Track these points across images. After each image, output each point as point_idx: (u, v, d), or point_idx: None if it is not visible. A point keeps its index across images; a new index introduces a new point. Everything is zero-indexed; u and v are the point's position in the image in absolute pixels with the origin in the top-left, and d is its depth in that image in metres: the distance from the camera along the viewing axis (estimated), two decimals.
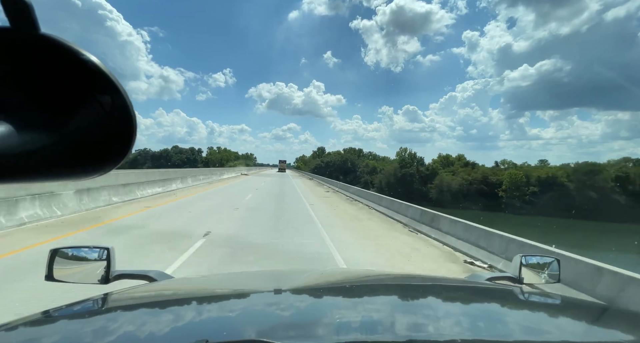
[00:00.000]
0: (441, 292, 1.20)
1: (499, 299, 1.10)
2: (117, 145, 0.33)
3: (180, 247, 5.79)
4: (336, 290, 1.19)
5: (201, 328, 0.76)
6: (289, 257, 5.75)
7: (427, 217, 9.07)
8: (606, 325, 0.88)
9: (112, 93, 0.31)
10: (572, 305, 1.18)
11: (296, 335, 0.75)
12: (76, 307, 0.89)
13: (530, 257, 1.37)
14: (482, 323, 0.87)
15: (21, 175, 0.29)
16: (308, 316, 0.90)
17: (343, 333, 0.74)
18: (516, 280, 1.33)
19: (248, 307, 0.98)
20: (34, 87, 0.30)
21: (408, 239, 8.11)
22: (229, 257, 5.47)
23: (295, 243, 6.76)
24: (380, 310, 0.96)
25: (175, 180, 16.84)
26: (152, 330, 0.74)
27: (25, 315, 0.79)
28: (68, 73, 0.30)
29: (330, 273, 1.75)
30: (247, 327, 0.77)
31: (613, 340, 0.81)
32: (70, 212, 8.30)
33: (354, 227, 9.30)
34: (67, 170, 0.33)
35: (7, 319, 0.76)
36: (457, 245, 7.13)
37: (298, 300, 1.04)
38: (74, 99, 0.31)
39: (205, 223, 8.16)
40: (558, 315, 1.00)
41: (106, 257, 1.18)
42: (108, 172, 0.35)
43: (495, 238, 6.13)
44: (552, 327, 0.85)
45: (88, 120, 0.31)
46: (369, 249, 6.78)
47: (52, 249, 1.15)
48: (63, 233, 6.41)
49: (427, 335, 0.75)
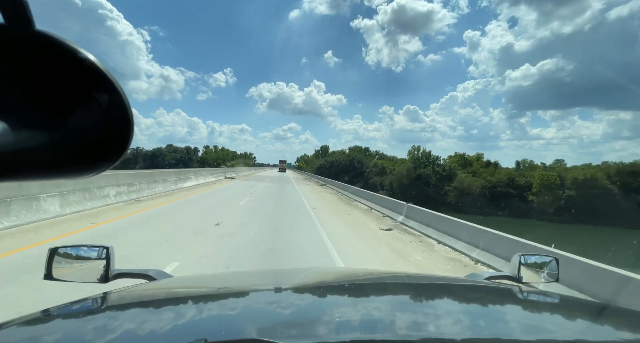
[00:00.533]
0: (441, 291, 1.20)
1: (498, 298, 1.10)
2: (114, 144, 0.33)
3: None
4: (335, 288, 1.18)
5: (200, 327, 0.75)
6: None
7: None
8: (605, 324, 0.89)
9: (109, 91, 0.31)
10: (571, 304, 1.20)
11: (296, 334, 0.74)
12: (75, 305, 0.88)
13: (529, 256, 1.39)
14: (481, 322, 0.86)
15: (18, 174, 0.29)
16: (307, 315, 0.89)
17: (342, 332, 0.73)
18: (515, 279, 1.34)
19: (247, 305, 0.97)
20: (30, 85, 0.29)
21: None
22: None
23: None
24: (380, 308, 0.96)
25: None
26: (151, 329, 0.74)
27: (24, 314, 0.77)
28: (65, 71, 0.29)
29: (330, 272, 1.67)
30: (246, 326, 0.77)
31: (612, 338, 0.81)
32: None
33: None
34: (63, 169, 0.32)
35: (7, 318, 0.74)
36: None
37: (297, 299, 1.03)
38: (71, 97, 0.30)
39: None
40: (557, 313, 1.00)
41: (105, 256, 1.17)
42: (104, 171, 0.34)
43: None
44: (551, 326, 0.84)
45: (85, 119, 0.31)
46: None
47: (51, 248, 1.15)
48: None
49: (427, 334, 0.74)
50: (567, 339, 0.77)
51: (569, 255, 4.31)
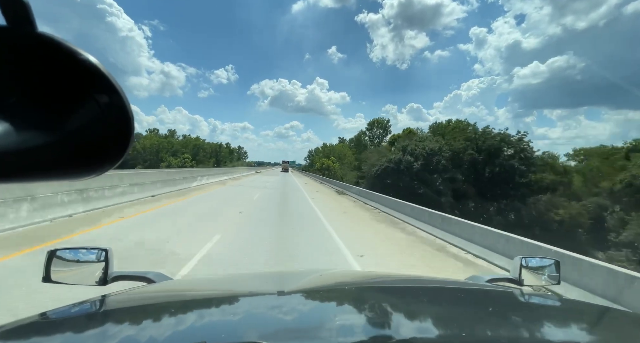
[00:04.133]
0: (442, 294, 1.19)
1: (499, 301, 1.10)
2: (114, 146, 0.33)
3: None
4: (336, 292, 1.19)
5: (200, 330, 0.75)
6: None
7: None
8: (607, 327, 0.88)
9: (109, 93, 0.31)
10: (573, 307, 1.19)
11: (296, 337, 0.74)
12: (74, 308, 0.88)
13: (530, 258, 1.37)
14: (482, 325, 0.86)
15: (18, 175, 0.29)
16: (307, 318, 0.89)
17: (342, 336, 0.73)
18: (516, 282, 1.33)
19: (247, 309, 0.96)
20: (31, 86, 0.29)
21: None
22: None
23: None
24: (381, 312, 0.97)
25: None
26: (150, 332, 0.73)
27: (22, 317, 0.78)
28: (65, 72, 0.30)
29: (331, 275, 1.59)
30: (246, 329, 0.77)
31: (614, 341, 0.80)
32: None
33: None
34: (64, 170, 0.32)
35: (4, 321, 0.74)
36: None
37: (297, 302, 1.02)
38: (72, 99, 0.31)
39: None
40: (559, 316, 0.99)
41: (104, 259, 1.17)
42: (105, 172, 0.34)
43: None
44: (552, 329, 0.84)
45: (85, 120, 0.31)
46: None
47: (49, 251, 1.14)
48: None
49: (429, 338, 0.74)
50: (570, 342, 0.77)
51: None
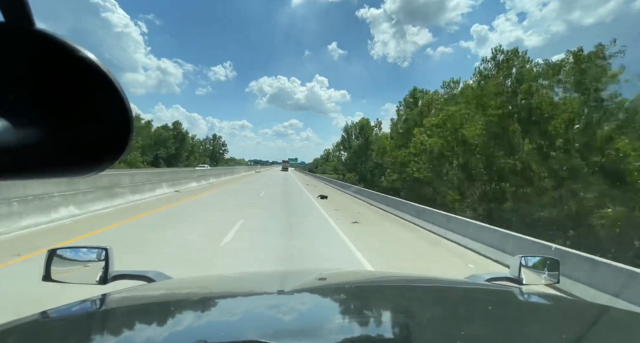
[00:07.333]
0: (441, 293, 1.19)
1: (499, 300, 1.09)
2: (113, 144, 0.33)
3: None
4: (336, 291, 1.17)
5: (200, 329, 0.76)
6: None
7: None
8: (607, 326, 0.88)
9: (108, 91, 0.31)
10: (573, 306, 1.18)
11: (296, 336, 0.73)
12: (74, 307, 0.88)
13: (530, 257, 1.39)
14: (482, 324, 0.86)
15: (17, 173, 0.29)
16: (307, 318, 0.88)
17: (342, 335, 0.71)
18: (516, 281, 1.34)
19: (247, 308, 0.96)
20: (29, 83, 0.29)
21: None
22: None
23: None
24: (380, 311, 0.97)
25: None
26: (150, 331, 0.73)
27: (22, 316, 0.77)
28: (64, 70, 0.29)
29: (331, 275, 1.57)
30: (246, 328, 0.76)
31: (613, 340, 0.81)
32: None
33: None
34: (62, 168, 0.32)
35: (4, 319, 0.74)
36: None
37: (298, 302, 1.02)
38: (70, 96, 0.30)
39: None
40: (558, 316, 0.98)
41: (104, 258, 1.17)
42: (105, 170, 0.34)
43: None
44: (552, 328, 0.83)
45: (84, 118, 0.31)
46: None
47: (49, 249, 1.15)
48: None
49: (428, 337, 0.75)
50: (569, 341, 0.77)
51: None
